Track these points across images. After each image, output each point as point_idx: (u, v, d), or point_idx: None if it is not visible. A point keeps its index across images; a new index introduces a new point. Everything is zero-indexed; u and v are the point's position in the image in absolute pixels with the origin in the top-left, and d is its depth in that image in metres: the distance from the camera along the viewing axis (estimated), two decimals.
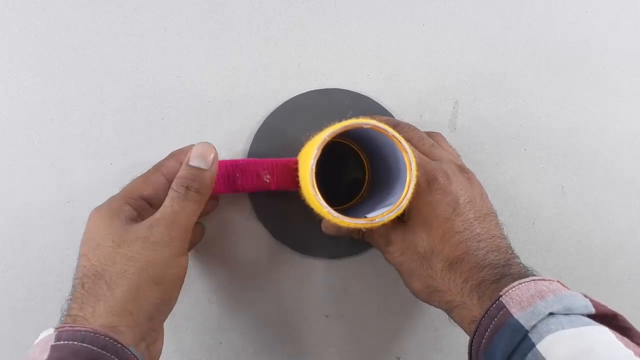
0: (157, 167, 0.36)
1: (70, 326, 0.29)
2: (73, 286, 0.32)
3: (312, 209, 0.34)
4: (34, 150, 0.41)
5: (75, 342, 0.28)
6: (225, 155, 0.42)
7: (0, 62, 0.40)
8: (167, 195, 0.34)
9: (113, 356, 0.29)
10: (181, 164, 0.35)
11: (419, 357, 0.45)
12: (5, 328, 0.41)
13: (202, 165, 0.34)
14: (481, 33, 0.45)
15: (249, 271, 0.43)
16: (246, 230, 0.43)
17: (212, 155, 0.34)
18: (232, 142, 0.42)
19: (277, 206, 0.42)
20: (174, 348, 0.43)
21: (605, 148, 0.46)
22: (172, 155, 0.37)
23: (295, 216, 0.42)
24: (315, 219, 0.35)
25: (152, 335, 0.33)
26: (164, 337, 0.36)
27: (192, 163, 0.34)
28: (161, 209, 0.33)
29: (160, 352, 0.35)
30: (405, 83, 0.44)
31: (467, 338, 0.32)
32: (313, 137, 0.35)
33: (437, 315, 0.44)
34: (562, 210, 0.46)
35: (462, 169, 0.37)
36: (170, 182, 0.35)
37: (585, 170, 0.46)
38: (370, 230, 0.38)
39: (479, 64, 0.45)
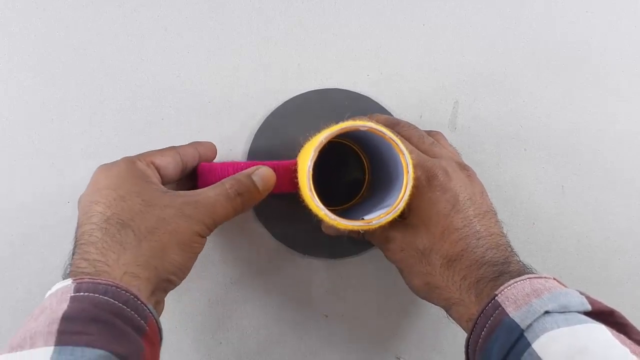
0: (174, 147, 0.37)
1: (90, 278, 0.29)
2: (84, 232, 0.31)
3: (310, 209, 0.34)
4: (34, 150, 0.41)
5: (97, 295, 0.28)
6: (225, 155, 0.42)
7: (0, 62, 0.40)
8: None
9: (133, 312, 0.28)
10: (199, 153, 0.36)
11: (419, 357, 0.45)
12: (5, 328, 0.41)
13: (260, 187, 0.35)
14: (481, 33, 0.45)
15: (249, 271, 0.43)
16: (246, 230, 0.43)
17: (272, 184, 0.36)
18: (232, 142, 0.42)
19: (277, 207, 0.42)
20: (174, 348, 0.43)
21: (605, 148, 0.46)
22: (192, 143, 0.38)
23: (295, 216, 0.42)
24: (315, 219, 0.35)
25: (161, 295, 0.33)
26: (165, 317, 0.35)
27: (255, 178, 0.35)
28: (202, 194, 0.33)
29: (161, 313, 0.35)
30: (405, 83, 0.44)
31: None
32: (311, 138, 0.35)
33: (437, 315, 0.44)
34: (562, 210, 0.46)
35: (462, 167, 0.37)
36: (183, 163, 0.36)
37: (585, 170, 0.46)
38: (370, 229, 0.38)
39: (479, 64, 0.45)
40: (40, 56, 0.41)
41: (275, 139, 0.42)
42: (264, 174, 0.35)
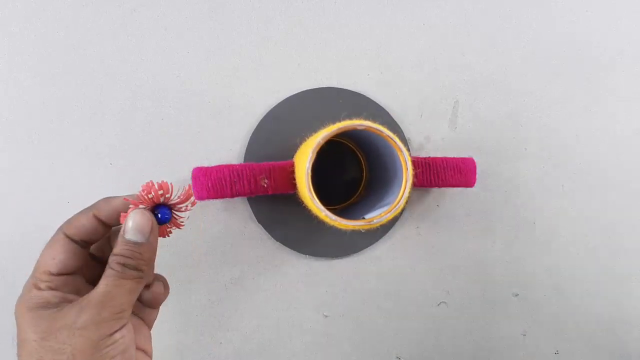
0: (61, 227, 0.33)
1: None
2: None
3: (310, 210, 0.34)
4: (34, 150, 0.41)
5: None
6: (225, 155, 0.42)
7: (0, 62, 0.40)
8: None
9: None
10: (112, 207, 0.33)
11: (419, 357, 0.45)
12: (5, 329, 0.41)
13: (139, 239, 0.31)
14: (481, 33, 0.45)
15: (249, 271, 0.43)
16: (246, 232, 0.43)
17: (150, 226, 0.31)
18: (232, 142, 0.42)
19: (276, 207, 0.42)
20: (174, 348, 0.43)
21: (605, 148, 0.46)
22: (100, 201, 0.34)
23: (295, 217, 0.42)
24: (314, 219, 0.35)
25: None
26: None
27: (127, 237, 0.31)
28: (95, 289, 0.30)
29: None
30: (405, 83, 0.44)
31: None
32: (308, 138, 0.35)
33: (437, 315, 0.44)
34: (562, 210, 0.46)
35: None
36: (101, 225, 0.32)
37: (585, 170, 0.46)
38: None
39: (479, 64, 0.45)
40: (40, 56, 0.41)
41: (272, 139, 0.42)
42: (133, 224, 0.31)
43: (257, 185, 0.37)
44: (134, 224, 0.31)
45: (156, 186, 0.32)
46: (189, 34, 0.42)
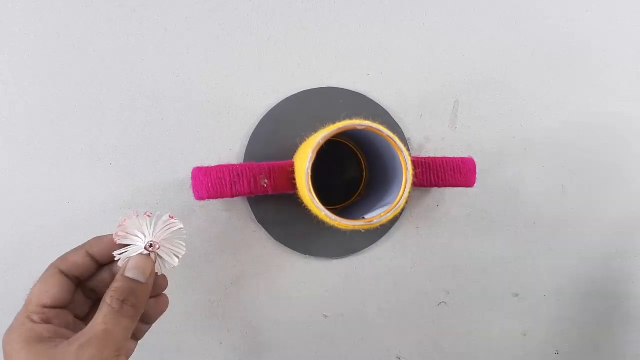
0: (54, 263, 0.33)
1: None
2: None
3: (310, 210, 0.34)
4: (34, 150, 0.41)
5: None
6: (225, 155, 0.42)
7: (0, 62, 0.40)
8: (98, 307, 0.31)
9: None
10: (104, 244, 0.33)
11: (419, 357, 0.45)
12: (4, 329, 0.41)
13: (140, 279, 0.32)
14: (481, 33, 0.45)
15: (249, 271, 0.43)
16: (246, 232, 0.43)
17: (150, 269, 0.32)
18: (232, 142, 0.42)
19: (276, 207, 0.42)
20: (174, 348, 0.43)
21: (605, 148, 0.46)
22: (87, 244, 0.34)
23: (294, 217, 0.42)
24: (314, 219, 0.35)
25: None
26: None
27: (128, 274, 0.31)
28: (93, 325, 0.30)
29: None
30: (405, 83, 0.44)
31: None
32: (308, 138, 0.35)
33: (437, 315, 0.44)
34: (562, 210, 0.46)
35: None
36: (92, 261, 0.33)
37: (585, 170, 0.46)
38: None
39: (479, 64, 0.45)
40: (40, 56, 0.41)
41: (272, 139, 0.42)
42: (135, 264, 0.32)
43: (257, 185, 0.37)
44: (136, 263, 0.32)
45: (131, 221, 0.32)
46: (189, 34, 0.42)
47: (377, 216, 0.32)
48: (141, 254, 0.32)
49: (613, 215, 0.46)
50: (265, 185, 0.37)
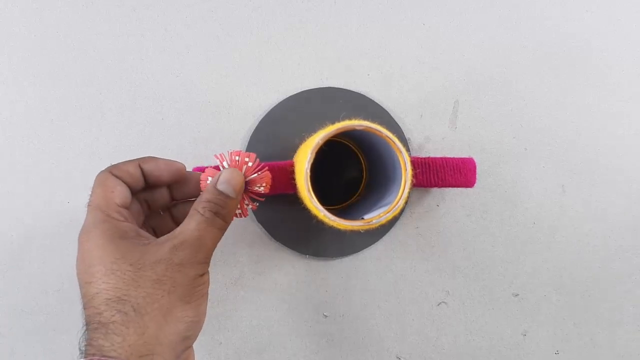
0: (107, 169, 0.33)
1: (101, 356, 0.27)
2: (87, 316, 0.29)
3: (309, 210, 0.34)
4: (34, 150, 0.41)
5: None
6: None
7: (0, 62, 0.40)
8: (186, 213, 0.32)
9: None
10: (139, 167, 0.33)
11: (419, 357, 0.45)
12: (4, 329, 0.41)
13: (230, 193, 0.32)
14: (481, 33, 0.45)
15: (249, 271, 0.43)
16: (246, 232, 0.43)
17: (240, 185, 0.33)
18: (232, 142, 0.42)
19: (276, 207, 0.42)
20: None
21: (606, 148, 0.46)
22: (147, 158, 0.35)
23: (295, 217, 0.42)
24: (314, 219, 0.35)
25: (185, 353, 0.32)
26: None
27: (220, 187, 0.32)
28: (184, 230, 0.31)
29: None
30: (405, 83, 0.44)
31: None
32: (307, 138, 0.35)
33: (437, 315, 0.44)
34: (562, 210, 0.46)
35: None
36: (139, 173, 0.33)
37: (586, 170, 0.46)
38: None
39: (479, 64, 0.45)
40: (40, 56, 0.41)
41: (272, 139, 0.42)
42: (227, 178, 0.32)
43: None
44: (228, 176, 0.32)
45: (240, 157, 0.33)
46: (189, 34, 0.42)
47: (376, 216, 0.32)
48: (235, 170, 0.33)
49: (613, 216, 0.46)
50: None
